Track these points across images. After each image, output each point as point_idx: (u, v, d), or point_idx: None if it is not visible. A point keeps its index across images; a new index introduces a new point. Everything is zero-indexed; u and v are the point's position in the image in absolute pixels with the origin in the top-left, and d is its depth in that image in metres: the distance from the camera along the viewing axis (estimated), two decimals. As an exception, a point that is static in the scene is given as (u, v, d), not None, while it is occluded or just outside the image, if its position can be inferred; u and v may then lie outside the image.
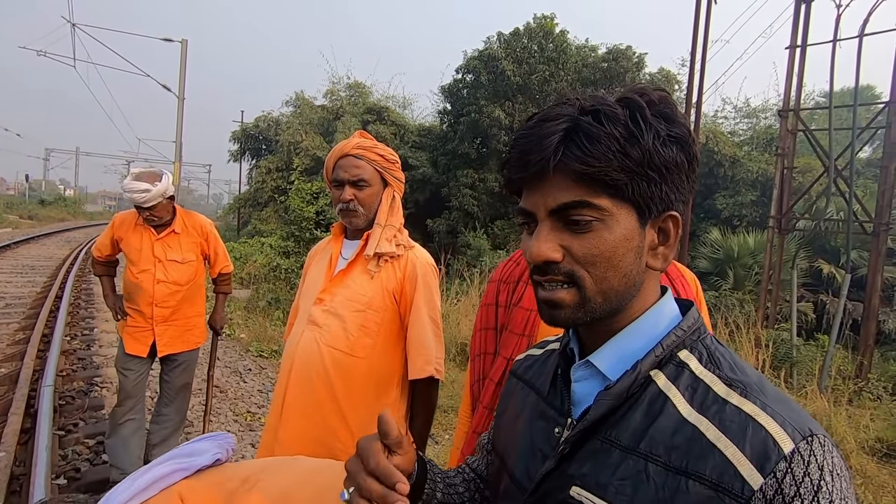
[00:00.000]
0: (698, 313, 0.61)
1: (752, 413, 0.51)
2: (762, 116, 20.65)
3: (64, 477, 2.70)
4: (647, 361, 0.57)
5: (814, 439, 0.49)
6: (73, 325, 5.86)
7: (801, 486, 0.46)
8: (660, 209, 0.57)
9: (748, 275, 13.50)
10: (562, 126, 0.55)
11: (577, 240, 0.56)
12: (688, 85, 9.50)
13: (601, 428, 0.57)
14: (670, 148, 0.55)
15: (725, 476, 0.48)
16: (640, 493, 0.52)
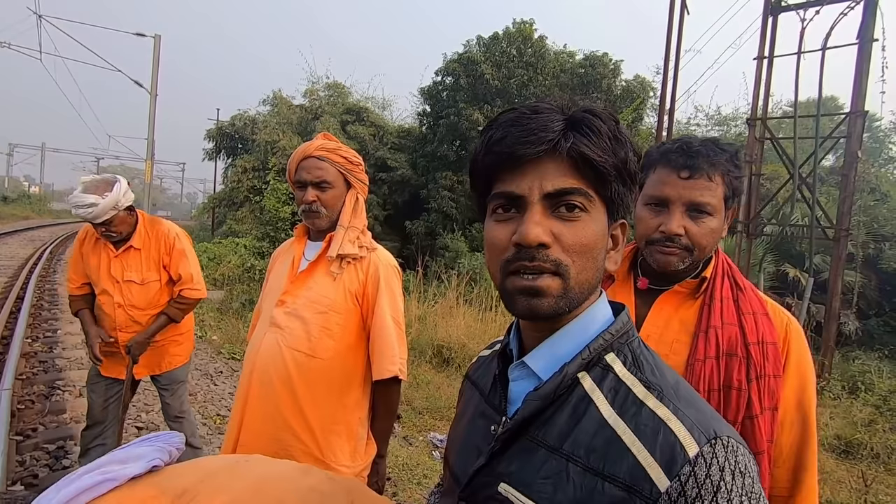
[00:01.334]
0: (628, 317, 0.63)
1: (664, 417, 0.53)
2: (733, 124, 21.30)
3: (21, 483, 2.61)
4: (573, 364, 0.59)
5: (717, 441, 0.51)
6: (35, 326, 5.66)
7: (702, 488, 0.49)
8: (621, 213, 0.62)
9: (718, 278, 13.90)
10: (559, 116, 0.58)
11: (566, 228, 0.57)
12: (661, 92, 9.74)
13: (530, 427, 0.59)
14: (635, 161, 0.61)
15: (637, 478, 0.51)
16: (559, 491, 0.54)
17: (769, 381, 0.97)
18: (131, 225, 2.37)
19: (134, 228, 2.38)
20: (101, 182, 2.25)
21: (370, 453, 1.49)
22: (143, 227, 2.41)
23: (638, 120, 15.79)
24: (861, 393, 6.63)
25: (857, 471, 4.20)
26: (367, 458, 1.48)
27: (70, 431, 3.29)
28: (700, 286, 1.05)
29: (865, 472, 4.07)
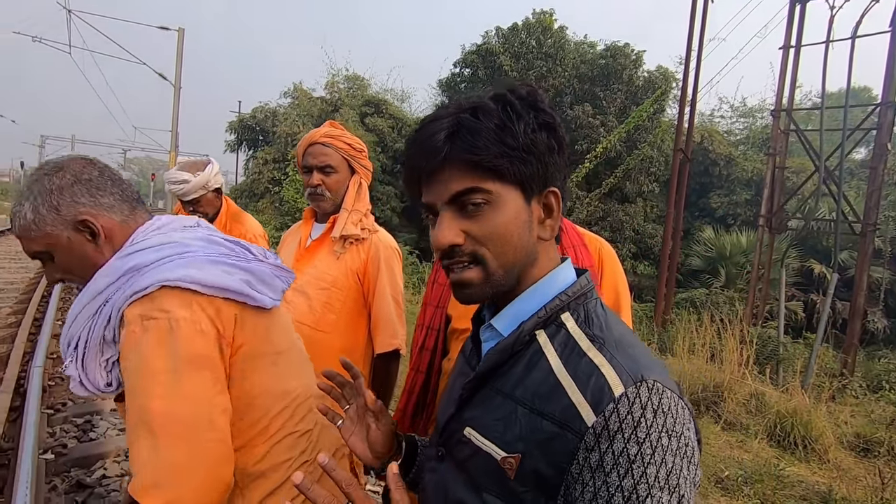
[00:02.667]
0: (588, 280, 0.69)
1: (599, 364, 0.59)
2: (759, 116, 20.72)
3: (51, 452, 2.76)
4: (530, 322, 0.65)
5: (643, 384, 0.57)
6: (65, 310, 5.88)
7: (623, 423, 0.55)
8: (541, 187, 0.65)
9: (740, 273, 13.62)
10: (445, 124, 0.63)
11: (474, 222, 0.64)
12: (682, 82, 9.55)
13: (491, 379, 0.67)
14: (540, 133, 0.63)
15: (569, 416, 0.58)
16: (508, 431, 0.62)
17: None
18: (216, 208, 2.38)
19: (216, 215, 2.37)
20: (194, 163, 2.33)
21: None
22: (223, 217, 2.38)
23: (660, 111, 15.49)
24: (885, 392, 6.48)
25: (875, 468, 4.13)
26: None
27: (96, 407, 3.44)
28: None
29: (883, 469, 4.00)
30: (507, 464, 0.61)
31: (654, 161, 14.98)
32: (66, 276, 0.94)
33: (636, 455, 0.54)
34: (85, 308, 0.88)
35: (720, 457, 4.26)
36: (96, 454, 2.81)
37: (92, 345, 0.88)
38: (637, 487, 0.54)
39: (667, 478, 0.54)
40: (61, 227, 0.89)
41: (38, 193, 0.89)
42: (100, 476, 2.64)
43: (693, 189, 16.78)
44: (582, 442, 0.56)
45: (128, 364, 0.83)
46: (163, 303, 0.84)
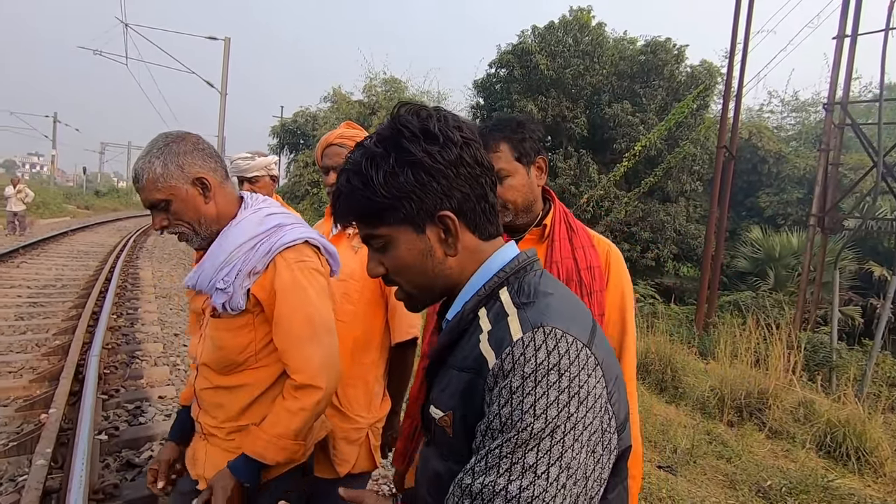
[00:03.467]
0: (528, 255, 0.75)
1: (509, 320, 0.66)
2: (812, 110, 19.62)
3: (105, 434, 2.96)
4: (471, 302, 0.72)
5: (539, 329, 0.62)
6: (120, 304, 6.27)
7: (516, 362, 0.60)
8: (427, 216, 0.70)
9: (790, 276, 12.95)
10: (336, 192, 0.73)
11: (384, 258, 0.74)
12: (726, 77, 9.19)
13: (446, 358, 0.73)
14: (402, 174, 0.68)
15: (480, 364, 0.65)
16: (446, 393, 0.70)
17: (597, 295, 1.26)
18: (270, 194, 2.50)
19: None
20: (258, 151, 2.55)
21: (385, 408, 1.64)
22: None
23: (703, 108, 14.92)
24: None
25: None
26: (382, 412, 1.62)
27: (146, 394, 3.66)
28: (544, 232, 1.31)
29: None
30: (444, 422, 0.67)
31: (698, 159, 14.46)
32: (175, 222, 1.17)
33: (518, 387, 0.59)
34: (241, 246, 1.16)
35: (763, 465, 4.08)
36: (144, 437, 3.00)
37: (243, 273, 1.15)
38: (512, 414, 0.58)
39: (545, 409, 0.57)
40: (183, 181, 1.15)
41: (167, 154, 1.14)
42: (147, 457, 2.82)
43: (740, 188, 16.09)
44: (485, 384, 0.63)
45: (287, 292, 1.15)
46: (305, 252, 1.21)
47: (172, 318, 6.02)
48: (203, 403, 1.26)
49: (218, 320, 1.20)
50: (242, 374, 1.21)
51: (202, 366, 1.24)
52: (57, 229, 14.97)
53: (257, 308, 1.18)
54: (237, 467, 1.14)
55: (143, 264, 10.07)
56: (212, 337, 1.20)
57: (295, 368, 1.15)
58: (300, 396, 1.15)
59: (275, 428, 1.15)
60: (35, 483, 2.28)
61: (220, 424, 1.22)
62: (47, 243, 11.85)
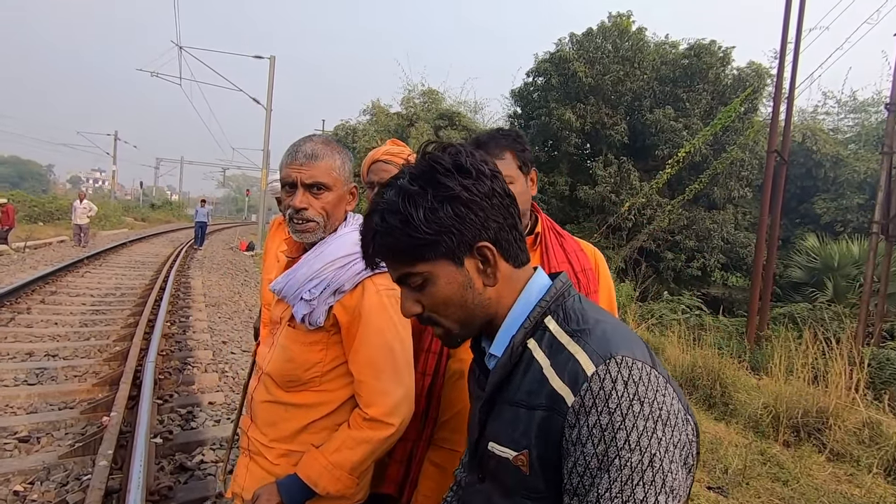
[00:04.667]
0: (562, 282, 0.76)
1: (574, 352, 0.66)
2: (873, 110, 18.45)
3: (160, 437, 3.12)
4: (518, 335, 0.72)
5: (611, 360, 0.63)
6: (173, 312, 6.61)
7: (597, 398, 0.61)
8: (466, 249, 0.71)
9: (851, 287, 12.14)
10: (369, 232, 0.73)
11: (421, 296, 0.74)
12: (777, 78, 8.80)
13: (500, 394, 0.74)
14: (442, 210, 0.69)
15: (555, 401, 0.65)
16: (515, 431, 0.69)
17: (592, 296, 1.35)
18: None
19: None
20: None
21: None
22: None
23: (752, 111, 14.32)
24: None
25: None
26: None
27: (197, 399, 3.83)
28: (536, 240, 1.38)
29: None
30: (519, 461, 0.67)
31: (746, 164, 13.86)
32: (316, 209, 1.17)
33: (607, 424, 0.60)
34: (334, 262, 1.15)
35: (824, 490, 3.83)
36: (196, 441, 3.14)
37: (330, 289, 1.14)
38: (608, 451, 0.59)
39: (637, 440, 0.59)
40: (346, 182, 1.22)
41: (345, 155, 1.24)
42: (198, 461, 2.94)
43: (793, 194, 15.30)
44: (566, 421, 0.63)
45: (373, 319, 1.13)
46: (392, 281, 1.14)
47: (221, 326, 6.28)
48: (257, 417, 1.23)
49: (293, 331, 1.19)
50: (303, 393, 1.18)
51: (265, 375, 1.22)
52: (116, 240, 15.96)
53: (334, 328, 1.16)
54: (286, 487, 1.11)
55: (194, 273, 10.56)
56: (283, 347, 1.19)
57: (368, 401, 1.12)
58: (368, 429, 1.11)
59: (335, 454, 1.11)
60: (98, 483, 2.43)
61: (269, 444, 1.19)
62: (108, 254, 12.64)
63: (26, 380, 4.06)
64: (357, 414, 1.14)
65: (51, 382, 4.08)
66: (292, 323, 1.19)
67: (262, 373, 1.24)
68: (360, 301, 1.14)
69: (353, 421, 1.14)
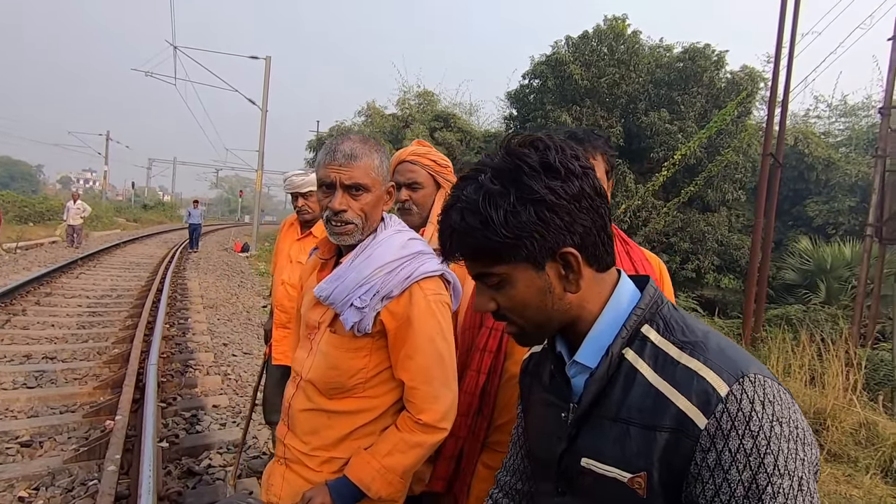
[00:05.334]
0: (654, 288, 0.72)
1: (696, 369, 0.62)
2: (863, 114, 18.71)
3: (166, 441, 3.10)
4: (616, 344, 0.69)
5: (744, 379, 0.60)
6: (171, 314, 6.55)
7: (735, 420, 0.58)
8: (547, 254, 0.67)
9: (843, 289, 12.29)
10: (447, 228, 0.70)
11: (497, 294, 0.71)
12: (772, 82, 8.90)
13: (595, 407, 0.70)
14: (524, 212, 0.65)
15: (681, 423, 0.61)
16: (626, 450, 0.65)
17: None
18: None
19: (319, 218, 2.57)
20: (310, 169, 2.58)
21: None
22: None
23: (745, 114, 14.47)
24: None
25: None
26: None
27: (201, 402, 3.81)
28: None
29: None
30: (636, 483, 0.64)
31: (740, 167, 14.01)
32: (355, 211, 1.15)
33: (752, 448, 0.57)
34: (382, 267, 1.13)
35: (824, 491, 3.87)
36: (202, 445, 3.12)
37: (379, 295, 1.12)
38: (756, 478, 0.56)
39: (785, 464, 0.56)
40: (384, 183, 1.20)
41: (384, 155, 1.21)
42: (206, 465, 2.93)
43: (786, 196, 15.45)
44: (697, 444, 0.59)
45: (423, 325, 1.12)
46: (440, 285, 1.19)
47: (220, 328, 6.24)
48: (295, 426, 1.20)
49: (336, 337, 1.16)
50: (347, 400, 1.17)
51: (306, 383, 1.19)
52: (109, 241, 15.80)
53: (379, 334, 1.15)
54: (337, 489, 1.09)
55: (190, 275, 10.48)
56: (326, 354, 1.17)
57: (421, 408, 1.12)
58: (421, 433, 1.12)
59: (387, 458, 1.11)
60: (108, 489, 2.40)
61: (311, 452, 1.18)
62: (102, 255, 12.51)
63: (25, 383, 4.01)
64: (409, 418, 1.14)
65: (50, 385, 4.04)
66: (333, 328, 1.17)
67: (301, 380, 1.21)
68: (408, 307, 1.13)
69: (405, 424, 1.14)
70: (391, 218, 1.26)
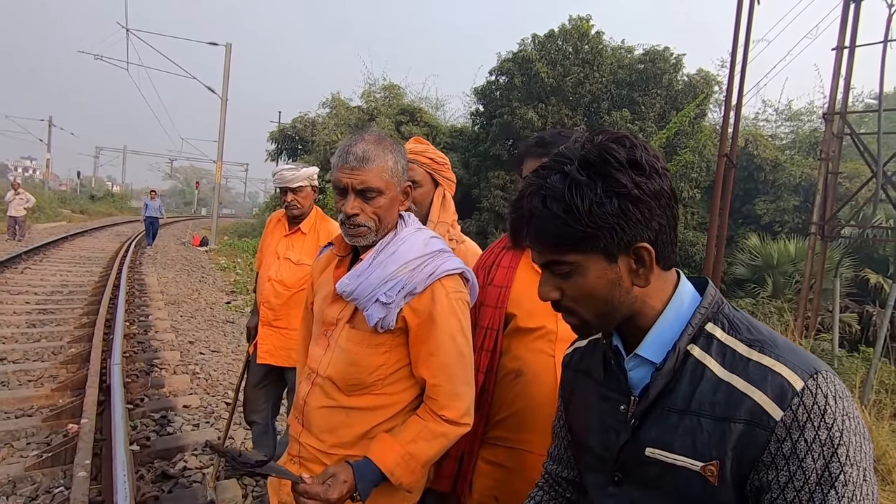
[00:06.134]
0: (715, 289, 0.75)
1: (769, 364, 0.66)
2: (806, 119, 19.92)
3: (137, 444, 2.98)
4: (683, 340, 0.71)
5: (818, 375, 0.64)
6: (131, 311, 6.26)
7: (811, 412, 0.62)
8: (623, 247, 0.70)
9: (788, 283, 13.09)
10: (525, 211, 0.72)
11: (565, 283, 0.73)
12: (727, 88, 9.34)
13: (659, 400, 0.72)
14: (609, 204, 0.67)
15: (756, 415, 0.64)
16: (697, 441, 0.68)
17: None
18: (311, 204, 2.50)
19: (308, 214, 2.51)
20: (301, 163, 2.51)
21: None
22: (314, 217, 2.53)
23: (701, 116, 15.12)
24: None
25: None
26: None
27: (171, 403, 3.68)
28: None
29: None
30: (708, 472, 0.66)
31: (696, 167, 14.63)
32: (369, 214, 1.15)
33: (826, 439, 0.61)
34: (407, 264, 1.15)
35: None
36: (175, 447, 3.02)
37: (404, 292, 1.13)
38: (829, 466, 0.61)
39: (854, 455, 0.61)
40: (400, 183, 1.19)
41: (399, 154, 1.19)
42: (181, 468, 2.84)
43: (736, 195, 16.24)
44: (773, 435, 0.63)
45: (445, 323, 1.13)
46: (460, 283, 1.19)
47: (185, 326, 6.02)
48: (311, 423, 1.20)
49: (356, 333, 1.17)
50: (366, 396, 1.17)
51: (325, 379, 1.19)
52: (56, 234, 14.89)
53: (399, 330, 1.15)
54: (360, 470, 1.07)
55: (148, 270, 10.04)
56: (346, 350, 1.17)
57: (444, 404, 1.13)
58: (444, 425, 1.13)
59: (411, 445, 1.11)
60: (80, 496, 2.30)
61: (328, 450, 1.18)
62: (48, 249, 11.79)
63: (-27, 386, 3.76)
64: (431, 407, 1.15)
65: (2, 388, 3.80)
66: (353, 324, 1.17)
67: (318, 376, 1.21)
68: (430, 304, 1.14)
69: (429, 414, 1.15)
70: (410, 216, 1.26)
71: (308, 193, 2.48)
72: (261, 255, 2.65)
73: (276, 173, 2.45)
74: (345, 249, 1.25)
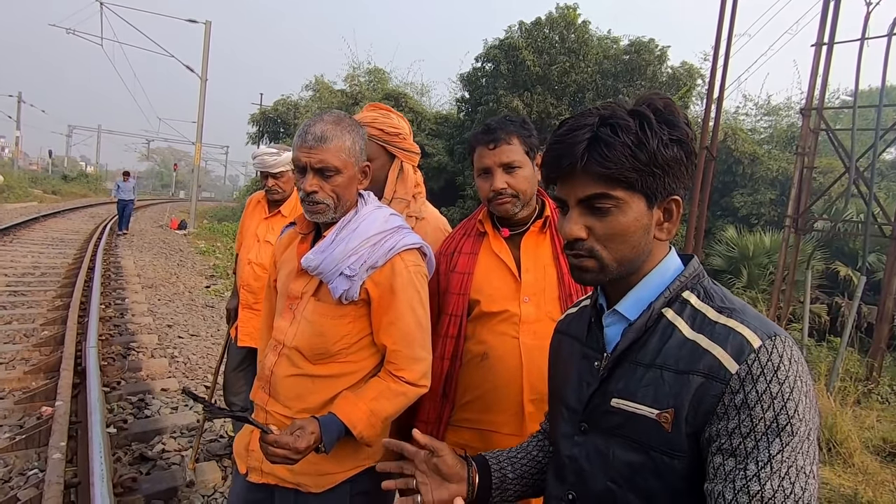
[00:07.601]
0: (698, 263, 0.79)
1: (733, 326, 0.69)
2: (784, 114, 20.30)
3: (114, 427, 2.94)
4: (658, 302, 0.75)
5: (776, 337, 0.67)
6: (106, 294, 6.14)
7: (765, 368, 0.65)
8: (664, 195, 0.74)
9: (762, 274, 13.46)
10: (586, 136, 0.71)
11: (599, 221, 0.73)
12: (709, 81, 9.45)
13: (629, 354, 0.76)
14: (671, 149, 0.71)
15: (714, 368, 0.67)
16: (659, 392, 0.72)
17: None
18: (291, 189, 2.48)
19: (289, 197, 2.49)
20: (282, 145, 2.49)
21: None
22: (295, 199, 2.49)
23: (683, 108, 15.32)
24: (913, 396, 6.40)
25: (902, 471, 4.13)
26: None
27: (148, 386, 3.63)
28: (545, 224, 1.42)
29: (910, 472, 4.00)
30: (663, 419, 0.70)
31: (677, 159, 14.85)
32: (326, 192, 1.19)
33: (777, 392, 0.64)
34: (369, 239, 1.20)
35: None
36: (154, 430, 2.99)
37: (365, 266, 1.19)
38: (778, 418, 0.64)
39: (804, 412, 0.64)
40: (357, 162, 1.23)
41: (357, 133, 1.23)
42: (160, 450, 2.82)
43: (715, 188, 16.54)
44: (727, 387, 0.66)
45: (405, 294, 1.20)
46: (419, 258, 1.26)
47: (162, 309, 5.93)
48: (278, 392, 1.25)
49: (321, 305, 1.22)
50: (330, 364, 1.23)
51: (291, 350, 1.24)
52: (27, 215, 14.42)
53: (363, 302, 1.21)
54: (326, 424, 1.12)
55: (124, 252, 9.82)
56: (312, 322, 1.22)
57: (403, 367, 1.20)
58: (404, 385, 1.20)
59: (374, 402, 1.17)
60: (55, 477, 2.27)
61: (294, 416, 1.21)
62: (19, 229, 11.42)
63: (-58, 369, 3.66)
64: (391, 374, 1.22)
65: (-29, 371, 3.70)
66: (318, 297, 1.23)
67: (284, 347, 1.25)
68: (390, 277, 1.20)
69: (388, 377, 1.21)
70: (369, 195, 1.31)
71: (289, 178, 2.45)
72: (241, 237, 2.61)
73: (256, 156, 2.40)
74: (307, 227, 1.29)
